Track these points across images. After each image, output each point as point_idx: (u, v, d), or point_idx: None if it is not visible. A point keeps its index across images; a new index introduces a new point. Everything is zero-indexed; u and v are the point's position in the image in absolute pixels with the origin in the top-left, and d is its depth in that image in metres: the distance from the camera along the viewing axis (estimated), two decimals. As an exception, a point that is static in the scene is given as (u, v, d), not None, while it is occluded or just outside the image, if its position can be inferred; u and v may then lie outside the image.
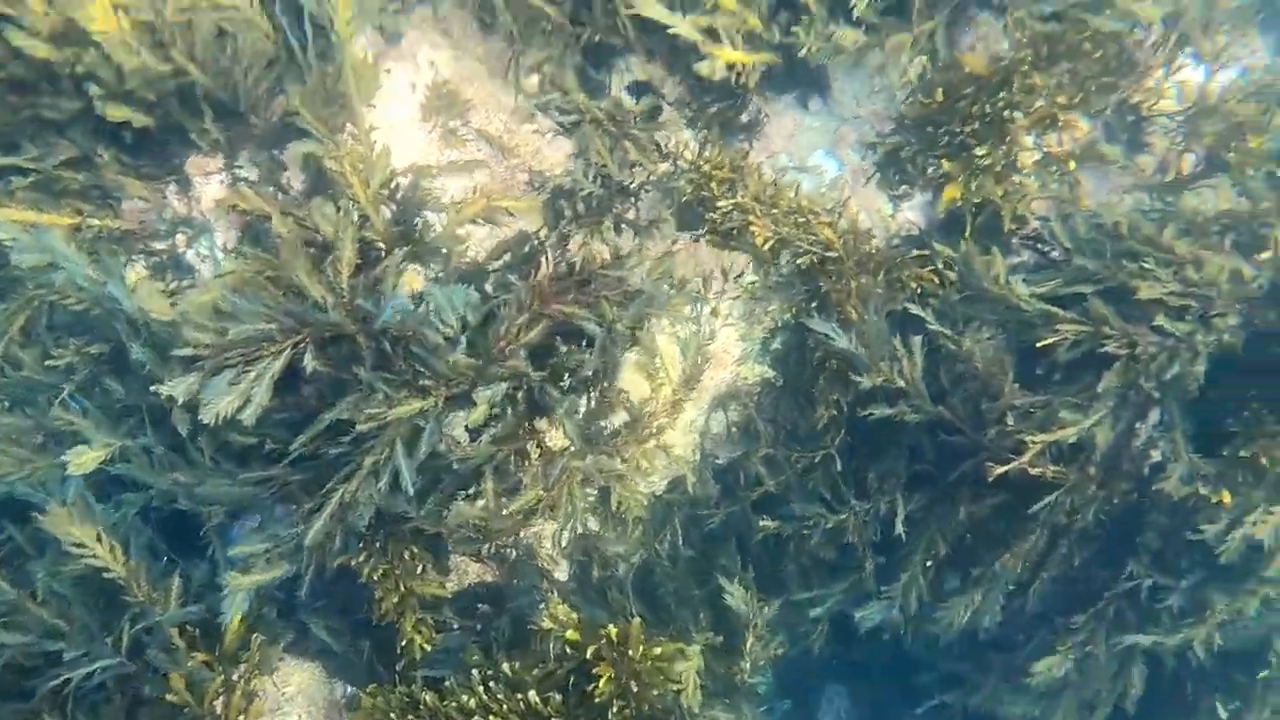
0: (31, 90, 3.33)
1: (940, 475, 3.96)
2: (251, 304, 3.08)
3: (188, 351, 2.94)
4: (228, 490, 3.51)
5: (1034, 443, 3.56)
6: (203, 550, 3.76)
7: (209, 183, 3.60)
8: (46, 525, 3.31)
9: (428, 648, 3.82)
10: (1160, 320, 3.39)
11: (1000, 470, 3.58)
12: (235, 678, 3.61)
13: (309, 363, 3.22)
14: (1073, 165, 3.64)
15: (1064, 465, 3.68)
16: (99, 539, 3.44)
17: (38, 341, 3.50)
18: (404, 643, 3.78)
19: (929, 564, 3.98)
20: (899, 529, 3.91)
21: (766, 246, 3.71)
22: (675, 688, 3.52)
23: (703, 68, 3.51)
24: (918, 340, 3.66)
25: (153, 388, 2.97)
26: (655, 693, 3.44)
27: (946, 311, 3.77)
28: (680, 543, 4.33)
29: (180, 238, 3.59)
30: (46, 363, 3.27)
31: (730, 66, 3.61)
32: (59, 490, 3.37)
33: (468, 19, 3.94)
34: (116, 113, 3.25)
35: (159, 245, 3.55)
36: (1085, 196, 3.92)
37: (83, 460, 3.16)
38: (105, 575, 3.48)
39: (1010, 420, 3.62)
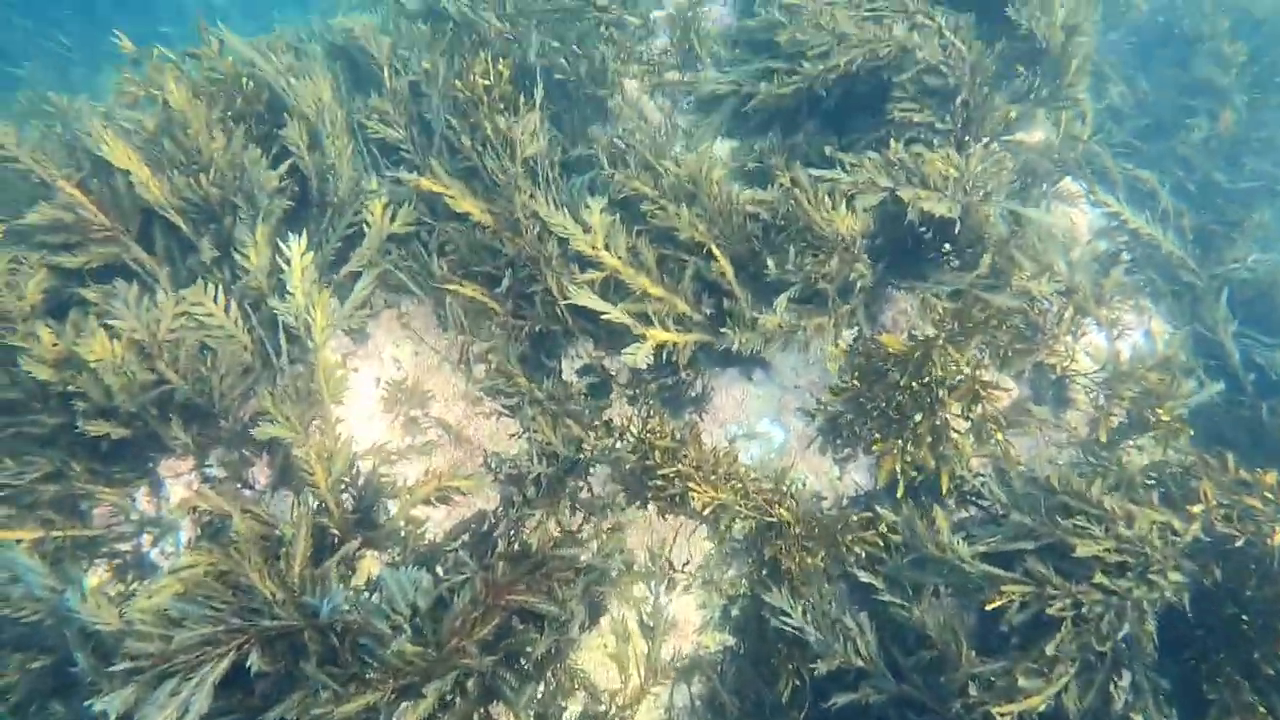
0: (21, 409, 3.64)
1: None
2: (198, 608, 3.15)
3: (126, 665, 2.98)
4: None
5: (1001, 715, 3.44)
6: None
7: (178, 483, 3.81)
8: None
9: None
10: (1100, 578, 3.40)
11: (970, 747, 3.43)
12: None
13: (254, 662, 3.23)
14: (1000, 436, 3.81)
15: (1040, 737, 3.52)
16: None
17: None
18: None
19: None
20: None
21: (706, 511, 3.82)
22: None
23: (628, 357, 3.81)
24: (865, 617, 3.66)
25: (86, 703, 2.97)
26: None
27: (896, 577, 3.78)
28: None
29: (146, 537, 3.74)
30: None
31: (661, 346, 3.92)
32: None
33: (428, 314, 4.35)
34: (98, 429, 3.53)
35: (124, 546, 3.69)
36: (1020, 453, 4.07)
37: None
38: None
39: (973, 691, 3.52)
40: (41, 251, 3.94)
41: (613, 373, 4.42)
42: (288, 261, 3.79)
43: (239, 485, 3.83)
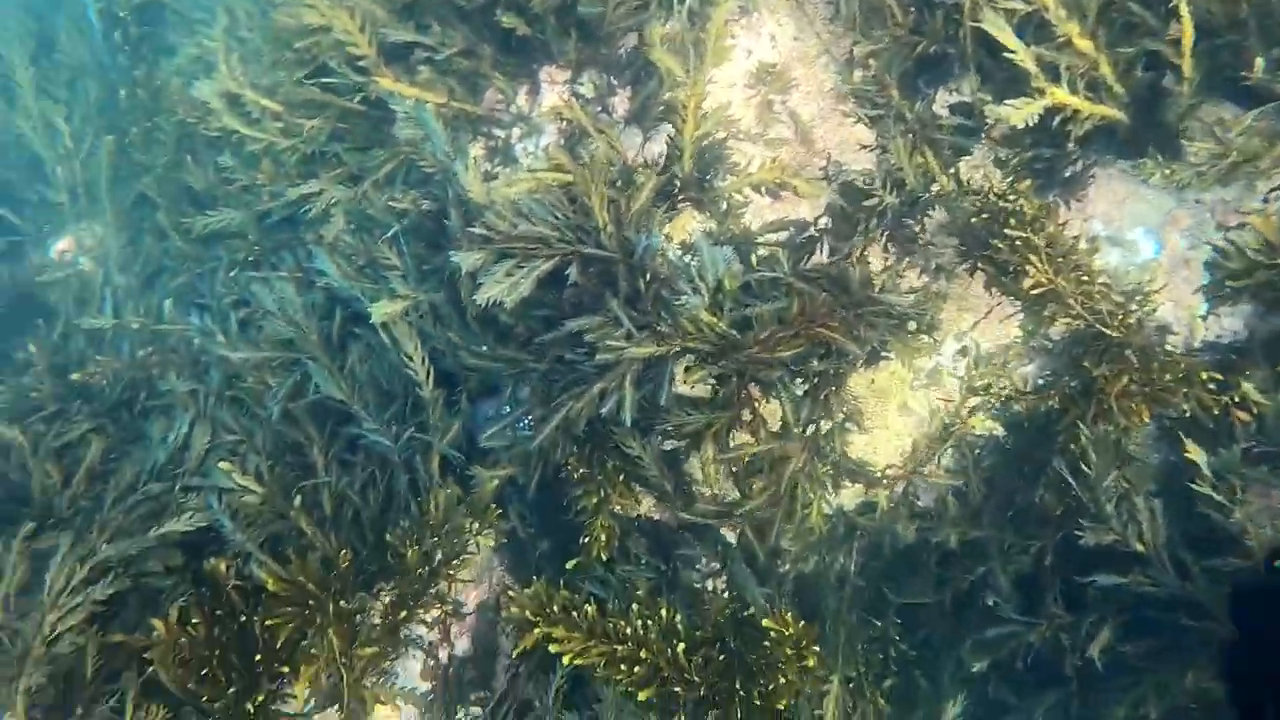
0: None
1: (1172, 626, 3.51)
2: (542, 211, 3.49)
3: (481, 231, 3.42)
4: (484, 362, 3.98)
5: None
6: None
7: (552, 90, 4.08)
8: (376, 322, 3.86)
9: (605, 556, 3.89)
10: None
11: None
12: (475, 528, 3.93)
13: (573, 273, 3.59)
14: None
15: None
16: (416, 349, 3.93)
17: (391, 186, 4.21)
18: (588, 539, 3.86)
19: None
20: (1094, 653, 3.50)
21: (1035, 293, 3.49)
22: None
23: (1005, 109, 3.34)
24: (1158, 503, 3.28)
25: (450, 253, 3.50)
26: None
27: (1227, 469, 3.29)
28: (853, 570, 4.22)
29: (516, 131, 4.11)
30: (389, 203, 3.96)
31: (1058, 110, 3.40)
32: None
33: (822, 3, 4.06)
34: (509, 21, 3.79)
35: (499, 133, 4.10)
36: None
37: (386, 310, 3.80)
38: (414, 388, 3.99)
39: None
40: None
41: (988, 123, 3.96)
42: (706, -99, 3.62)
43: (600, 110, 4.03)
